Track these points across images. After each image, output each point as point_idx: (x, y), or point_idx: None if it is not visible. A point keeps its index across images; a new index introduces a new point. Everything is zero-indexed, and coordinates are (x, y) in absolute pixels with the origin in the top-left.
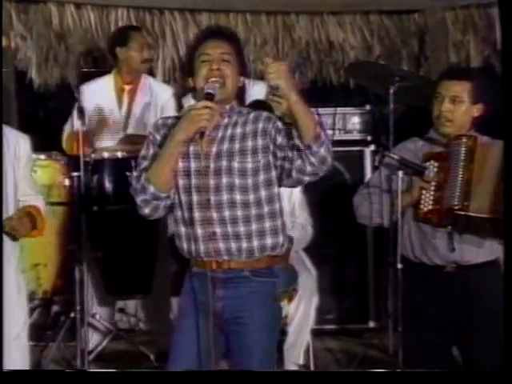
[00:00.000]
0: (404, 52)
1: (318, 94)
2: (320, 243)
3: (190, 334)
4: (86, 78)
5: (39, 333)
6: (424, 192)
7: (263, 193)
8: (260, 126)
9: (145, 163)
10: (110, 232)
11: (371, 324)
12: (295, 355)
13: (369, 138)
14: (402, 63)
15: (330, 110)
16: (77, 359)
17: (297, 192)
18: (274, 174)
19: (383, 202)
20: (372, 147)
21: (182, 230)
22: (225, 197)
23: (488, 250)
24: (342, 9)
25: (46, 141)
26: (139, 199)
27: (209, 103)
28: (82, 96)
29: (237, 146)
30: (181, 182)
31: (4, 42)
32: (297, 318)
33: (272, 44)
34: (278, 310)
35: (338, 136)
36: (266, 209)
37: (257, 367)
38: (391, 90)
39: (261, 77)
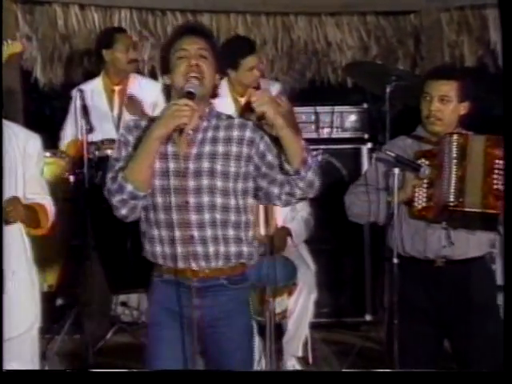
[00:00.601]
0: (400, 52)
1: (316, 92)
2: (318, 239)
3: (168, 345)
4: (91, 77)
5: (44, 326)
6: (417, 190)
7: (240, 201)
8: (247, 134)
9: (119, 164)
10: (114, 227)
11: (368, 317)
12: (294, 348)
13: (366, 136)
14: (398, 63)
15: (327, 109)
16: (81, 351)
17: None
18: (251, 185)
19: (376, 199)
20: (369, 145)
21: (155, 232)
22: (205, 199)
23: (477, 247)
24: (340, 10)
25: (51, 139)
26: (115, 200)
27: (190, 102)
28: (84, 95)
29: (220, 149)
30: (157, 182)
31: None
32: (296, 312)
33: (271, 44)
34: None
35: (336, 134)
36: (243, 217)
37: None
38: (388, 89)
39: (262, 76)
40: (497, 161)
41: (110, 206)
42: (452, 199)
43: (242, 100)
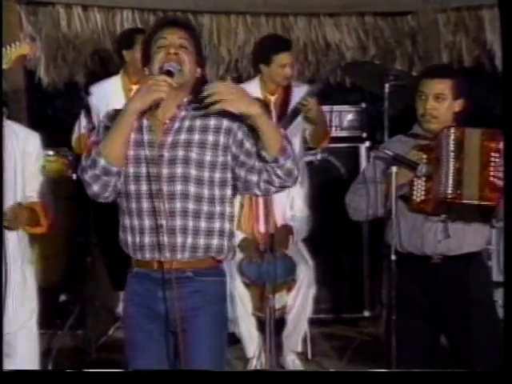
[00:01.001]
0: (398, 52)
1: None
2: (317, 236)
3: (143, 347)
4: (93, 77)
5: (48, 321)
6: (415, 183)
7: (217, 191)
8: (224, 123)
9: (98, 137)
10: (116, 225)
11: (366, 313)
12: (293, 343)
13: (364, 135)
14: (395, 63)
15: (326, 108)
16: (84, 347)
17: (295, 186)
18: (229, 175)
19: (374, 193)
20: (367, 144)
21: (127, 221)
22: (178, 187)
23: (472, 242)
24: (339, 11)
25: (54, 137)
26: (88, 176)
27: (168, 79)
28: (88, 95)
29: (196, 137)
30: (131, 170)
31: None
32: (295, 308)
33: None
34: (225, 311)
35: (335, 133)
36: (217, 208)
37: (204, 367)
38: (386, 89)
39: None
40: (493, 154)
41: (112, 204)
42: (450, 191)
43: (273, 98)
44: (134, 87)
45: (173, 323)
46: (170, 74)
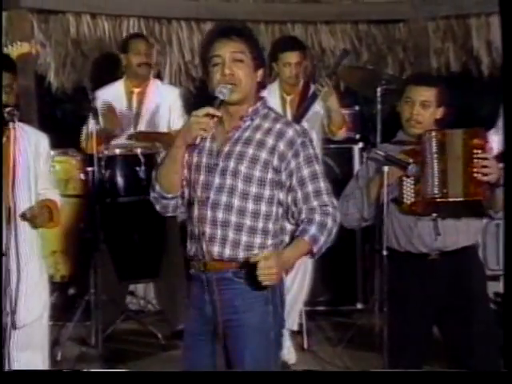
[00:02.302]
0: (389, 58)
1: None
2: None
3: (196, 344)
4: (100, 82)
5: (57, 313)
6: (405, 187)
7: (263, 207)
8: (281, 147)
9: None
10: (121, 222)
11: (359, 305)
12: (290, 323)
13: (357, 136)
14: (387, 68)
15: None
16: (91, 337)
17: None
18: (279, 193)
19: (365, 198)
20: (360, 145)
21: (188, 227)
22: (224, 198)
23: (466, 236)
24: (334, 18)
25: (63, 139)
26: (151, 196)
27: (211, 110)
28: (96, 98)
29: (250, 151)
30: (192, 177)
31: (26, 49)
32: (293, 290)
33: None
34: (273, 313)
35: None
36: (260, 224)
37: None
38: (378, 93)
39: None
40: (475, 150)
41: (117, 203)
42: (436, 191)
43: (288, 98)
44: (136, 90)
45: (218, 327)
46: (218, 100)
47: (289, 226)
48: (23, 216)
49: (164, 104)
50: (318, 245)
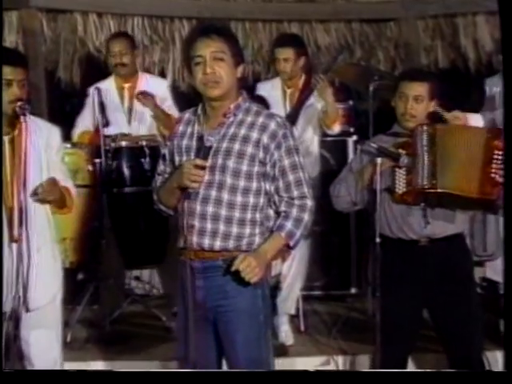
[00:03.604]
0: (381, 55)
1: None
2: None
3: (187, 329)
4: (106, 78)
5: (67, 297)
6: (397, 177)
7: (251, 199)
8: (265, 140)
9: (158, 179)
10: (127, 211)
11: (353, 290)
12: (287, 307)
13: (351, 130)
14: (379, 64)
15: None
16: (99, 320)
17: None
18: (265, 184)
19: (356, 183)
20: (354, 137)
21: (179, 221)
22: (213, 193)
23: (454, 225)
24: (328, 17)
25: (71, 131)
26: (156, 207)
27: (199, 162)
28: (101, 93)
29: (237, 146)
30: None
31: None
32: (289, 276)
33: (267, 48)
34: (261, 296)
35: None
36: (249, 215)
37: (241, 354)
38: (370, 88)
39: (258, 77)
40: (496, 151)
41: (123, 192)
42: (426, 182)
43: (288, 91)
44: (126, 85)
45: (209, 312)
46: (206, 149)
47: (272, 214)
48: (35, 193)
49: (157, 96)
50: (294, 239)
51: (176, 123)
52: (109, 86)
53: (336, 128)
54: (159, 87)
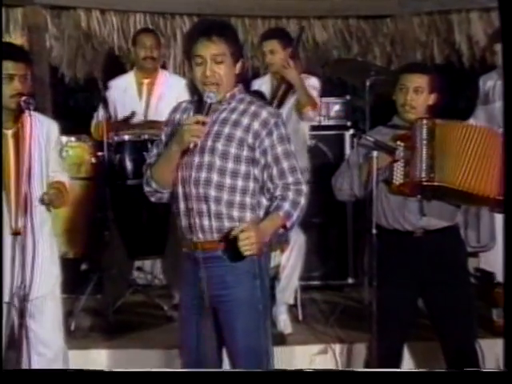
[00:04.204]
0: (378, 51)
1: None
2: (308, 213)
3: (189, 318)
4: (109, 73)
5: (71, 287)
6: (395, 169)
7: (240, 182)
8: (255, 126)
9: (152, 158)
10: (130, 203)
11: (350, 280)
12: (286, 296)
13: (348, 124)
14: (376, 60)
15: None
16: (102, 309)
17: None
18: (254, 169)
19: (358, 179)
20: (351, 131)
21: (174, 205)
22: (203, 175)
23: (449, 217)
24: (326, 14)
25: (75, 126)
26: (146, 190)
27: (200, 117)
28: (106, 89)
29: (226, 129)
30: None
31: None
32: (288, 267)
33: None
34: (260, 286)
35: (323, 122)
36: (237, 198)
37: (240, 343)
38: (367, 83)
39: (257, 72)
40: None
41: (126, 185)
42: (424, 175)
43: (277, 84)
44: (145, 81)
45: (210, 301)
46: (207, 104)
47: (265, 202)
48: (41, 200)
49: (171, 94)
50: (291, 220)
51: (173, 111)
52: (129, 80)
53: (310, 114)
54: (177, 85)
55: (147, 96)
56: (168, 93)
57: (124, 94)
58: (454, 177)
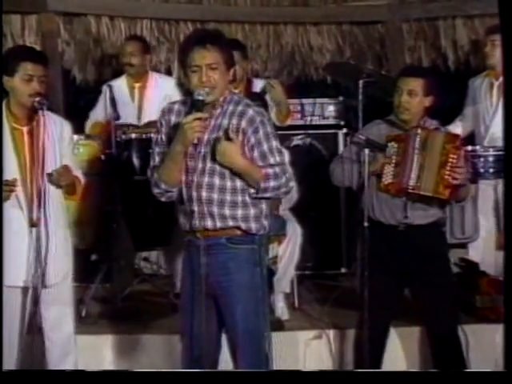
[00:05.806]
0: (369, 54)
1: (301, 88)
2: (303, 206)
3: (190, 304)
4: (118, 76)
5: (82, 276)
6: (385, 168)
7: (238, 183)
8: (243, 124)
9: (156, 159)
10: (137, 197)
11: (343, 270)
12: (283, 286)
13: (342, 123)
14: (367, 63)
15: (311, 101)
16: (111, 297)
17: None
18: None
19: (352, 172)
20: (344, 130)
21: (179, 206)
22: (206, 179)
23: (431, 214)
24: (321, 20)
25: (85, 124)
26: (154, 191)
27: (198, 114)
28: (113, 90)
29: (219, 134)
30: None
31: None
32: (285, 258)
33: (264, 48)
34: (260, 274)
35: (317, 121)
36: (239, 197)
37: (240, 326)
38: (360, 85)
39: (256, 74)
40: (451, 155)
41: (134, 181)
42: (411, 184)
43: (237, 90)
44: (137, 85)
45: (211, 286)
46: (200, 102)
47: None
48: (49, 175)
49: (162, 95)
50: (267, 184)
51: (166, 112)
52: (121, 83)
53: (288, 122)
54: (167, 85)
55: (139, 99)
56: (159, 94)
57: (117, 97)
58: (435, 186)
